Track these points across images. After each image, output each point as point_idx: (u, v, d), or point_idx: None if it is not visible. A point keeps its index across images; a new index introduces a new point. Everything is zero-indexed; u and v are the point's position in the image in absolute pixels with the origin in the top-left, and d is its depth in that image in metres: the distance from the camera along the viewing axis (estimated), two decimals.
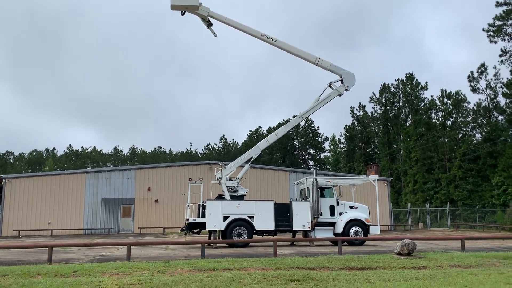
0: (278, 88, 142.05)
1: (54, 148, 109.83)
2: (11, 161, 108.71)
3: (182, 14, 19.93)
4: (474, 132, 54.36)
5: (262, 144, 21.41)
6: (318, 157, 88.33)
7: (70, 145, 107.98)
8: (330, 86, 21.38)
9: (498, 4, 45.35)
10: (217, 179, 20.24)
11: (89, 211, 34.21)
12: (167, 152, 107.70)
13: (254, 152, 21.03)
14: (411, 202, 53.81)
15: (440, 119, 57.11)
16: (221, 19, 20.24)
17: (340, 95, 21.17)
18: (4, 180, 33.33)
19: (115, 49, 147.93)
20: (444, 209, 44.16)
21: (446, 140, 54.57)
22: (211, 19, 20.26)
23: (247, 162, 20.91)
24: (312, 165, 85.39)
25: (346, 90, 21.13)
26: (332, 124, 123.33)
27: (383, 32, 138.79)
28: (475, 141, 52.69)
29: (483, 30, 46.74)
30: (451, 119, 56.07)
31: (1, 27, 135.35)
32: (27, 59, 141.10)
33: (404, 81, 66.13)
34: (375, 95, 69.45)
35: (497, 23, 45.74)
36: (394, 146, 67.29)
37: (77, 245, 16.33)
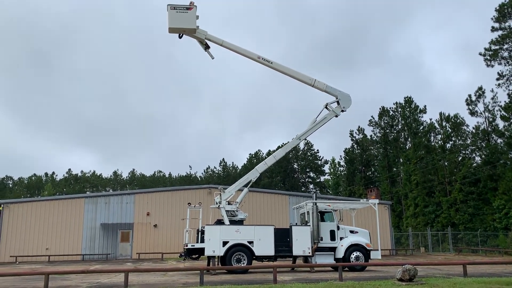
0: (278, 110, 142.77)
1: (53, 173, 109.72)
2: (10, 185, 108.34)
3: (180, 37, 20.20)
4: (474, 155, 54.33)
5: (261, 167, 21.35)
6: (318, 180, 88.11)
7: (69, 169, 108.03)
8: (326, 107, 21.50)
9: (493, 29, 46.05)
10: (216, 203, 20.10)
11: (87, 236, 33.86)
12: (167, 176, 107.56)
13: (252, 175, 20.94)
14: (412, 225, 53.35)
15: (440, 142, 57.18)
16: (218, 42, 20.46)
17: (336, 116, 21.26)
18: (2, 206, 33.13)
19: (114, 70, 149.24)
20: (446, 233, 43.76)
21: (446, 163, 54.49)
22: (209, 42, 20.50)
23: (246, 185, 20.77)
24: (312, 189, 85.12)
25: (342, 111, 21.23)
26: (331, 147, 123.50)
27: (382, 51, 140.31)
28: (475, 164, 52.59)
29: (480, 54, 47.31)
30: (450, 142, 56.15)
31: None
32: (24, 81, 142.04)
33: (403, 104, 66.57)
34: (374, 118, 69.81)
35: (493, 47, 46.33)
36: (394, 169, 67.16)
37: (74, 272, 16.10)
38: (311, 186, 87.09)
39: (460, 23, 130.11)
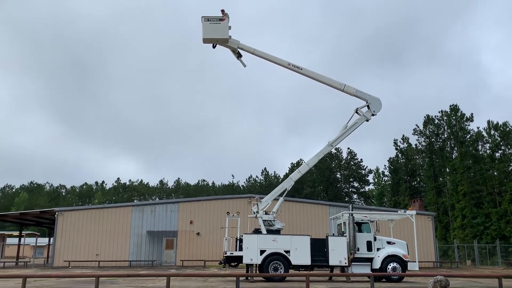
0: (323, 114, 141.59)
1: (103, 182, 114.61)
2: (63, 194, 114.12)
3: (214, 46, 21.08)
4: None
5: (295, 176, 21.78)
6: (362, 190, 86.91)
7: (118, 178, 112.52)
8: (357, 112, 21.70)
9: None
10: (254, 213, 20.72)
11: (134, 243, 35.41)
12: (210, 184, 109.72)
13: (287, 183, 21.39)
14: (460, 237, 51.67)
15: (488, 151, 55.21)
16: (250, 50, 21.16)
17: (367, 120, 21.32)
18: (57, 213, 35.37)
19: (156, 78, 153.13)
20: (495, 245, 42.11)
21: (495, 173, 52.50)
22: (241, 51, 21.28)
23: (281, 194, 21.21)
24: (356, 199, 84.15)
25: (372, 115, 21.28)
26: (375, 156, 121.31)
27: (435, 49, 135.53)
28: None
29: None
30: (500, 151, 54.10)
31: (41, 56, 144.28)
32: (70, 89, 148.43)
33: (448, 112, 64.84)
34: (418, 127, 68.37)
35: None
36: (440, 179, 65.29)
37: (121, 276, 17.26)
38: (355, 196, 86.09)
39: None
